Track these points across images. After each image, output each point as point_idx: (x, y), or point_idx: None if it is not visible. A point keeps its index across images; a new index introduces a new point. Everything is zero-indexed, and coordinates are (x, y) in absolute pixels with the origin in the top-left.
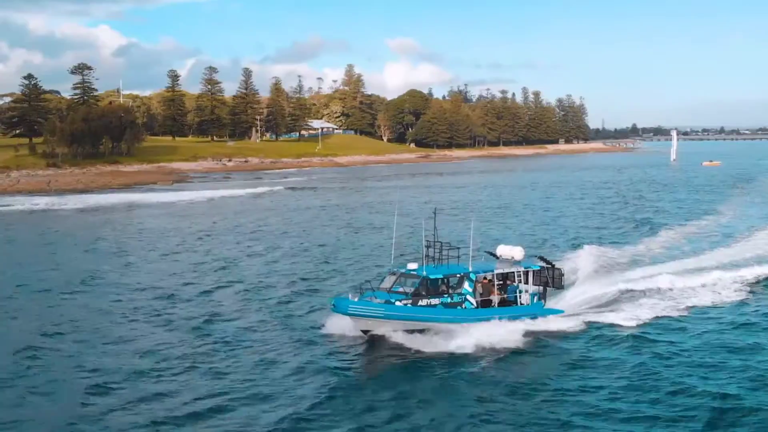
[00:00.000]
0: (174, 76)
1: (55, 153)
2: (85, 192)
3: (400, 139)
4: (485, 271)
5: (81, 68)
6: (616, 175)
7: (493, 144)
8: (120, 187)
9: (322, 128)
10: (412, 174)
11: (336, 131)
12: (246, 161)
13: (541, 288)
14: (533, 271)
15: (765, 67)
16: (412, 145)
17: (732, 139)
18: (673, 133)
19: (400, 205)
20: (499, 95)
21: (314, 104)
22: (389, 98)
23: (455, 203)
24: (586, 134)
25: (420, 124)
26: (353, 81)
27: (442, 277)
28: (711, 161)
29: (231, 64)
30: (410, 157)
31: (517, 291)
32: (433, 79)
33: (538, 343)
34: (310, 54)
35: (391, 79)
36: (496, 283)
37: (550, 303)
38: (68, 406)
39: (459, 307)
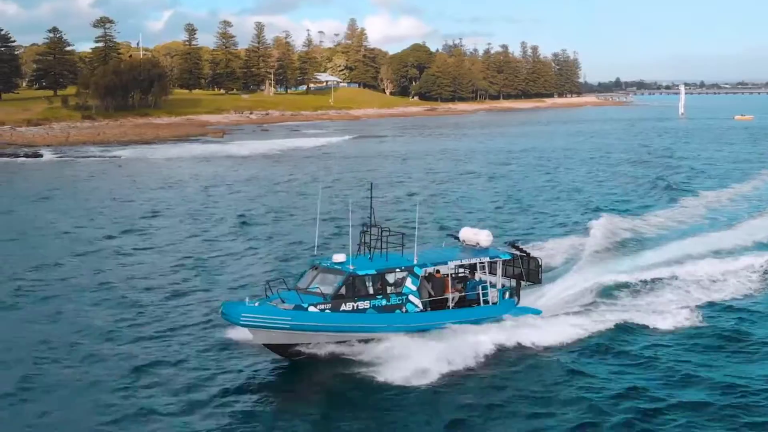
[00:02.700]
0: (191, 30)
1: (88, 105)
2: (141, 143)
3: (402, 92)
4: (436, 263)
5: (103, 22)
6: (645, 128)
7: (494, 97)
8: (174, 139)
9: (327, 82)
10: (439, 126)
11: (341, 84)
12: (267, 114)
13: (515, 282)
14: (502, 261)
15: (742, 20)
16: (416, 98)
17: (714, 93)
18: (681, 87)
19: (488, 152)
20: (499, 49)
21: (315, 57)
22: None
23: (536, 150)
24: (579, 88)
25: (424, 77)
26: (357, 35)
27: (374, 272)
28: (743, 115)
29: (208, 16)
30: (418, 110)
31: (480, 287)
32: (412, 32)
33: (501, 357)
34: (290, 6)
35: (371, 33)
36: (451, 277)
37: (528, 300)
38: None
39: (398, 311)
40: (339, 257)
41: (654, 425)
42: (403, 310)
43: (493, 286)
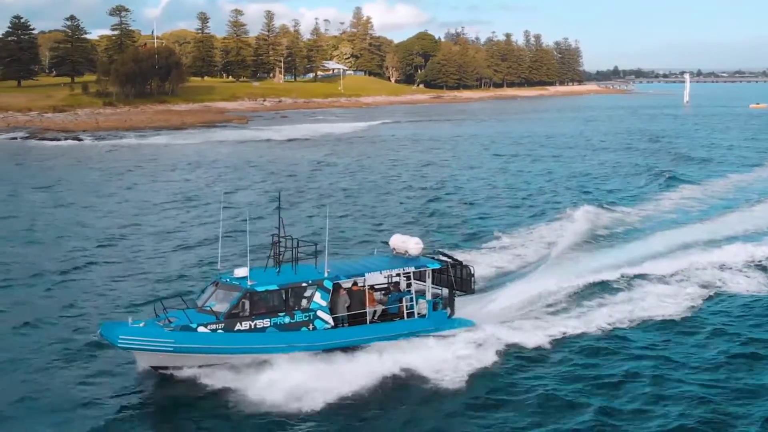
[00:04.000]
0: (204, 19)
1: (109, 92)
2: (171, 129)
3: (407, 80)
4: (351, 275)
5: (119, 10)
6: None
7: (498, 85)
8: (201, 125)
9: (333, 70)
10: (454, 113)
11: (347, 72)
12: (280, 101)
13: (446, 293)
14: (431, 270)
15: (739, 9)
16: (421, 86)
17: (712, 81)
18: (686, 76)
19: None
20: (501, 38)
21: (322, 46)
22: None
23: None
24: (580, 76)
25: (430, 65)
26: (362, 23)
27: (276, 288)
28: (758, 104)
29: (206, 3)
30: (424, 98)
31: (407, 299)
32: (409, 20)
33: (421, 380)
34: None
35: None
36: (368, 289)
37: (463, 311)
38: None
39: (304, 329)
40: (240, 272)
41: None
42: (310, 327)
43: (423, 297)
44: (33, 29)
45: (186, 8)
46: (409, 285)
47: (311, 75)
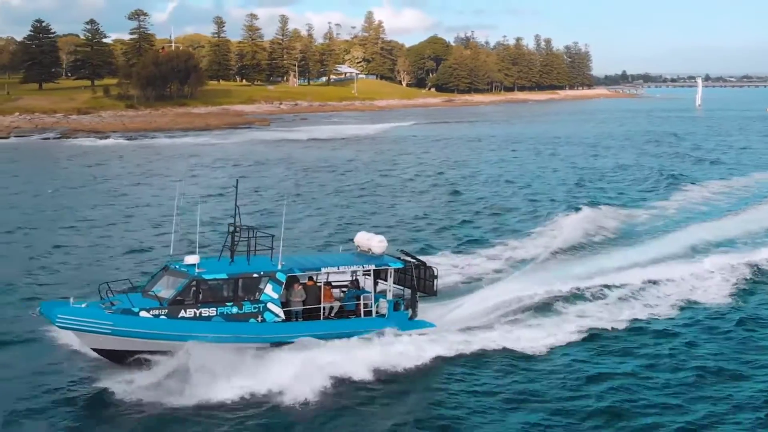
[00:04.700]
0: (219, 23)
1: (130, 95)
2: (198, 130)
3: (418, 84)
4: (306, 269)
5: (137, 14)
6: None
7: (509, 89)
8: (225, 126)
9: (346, 74)
10: (471, 115)
11: (359, 76)
12: (296, 104)
13: (409, 293)
14: (394, 270)
15: (745, 14)
16: (432, 89)
17: (720, 86)
18: (699, 80)
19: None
20: (511, 42)
21: (335, 50)
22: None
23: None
24: (590, 81)
25: (441, 69)
26: (374, 27)
27: (225, 277)
28: None
29: (213, 7)
30: (436, 101)
31: (362, 297)
32: (415, 24)
33: (364, 383)
34: None
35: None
36: (324, 285)
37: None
38: None
39: (252, 320)
40: (191, 259)
41: None
42: (259, 319)
43: (383, 296)
44: (54, 32)
45: (192, 12)
46: (377, 284)
47: (324, 79)
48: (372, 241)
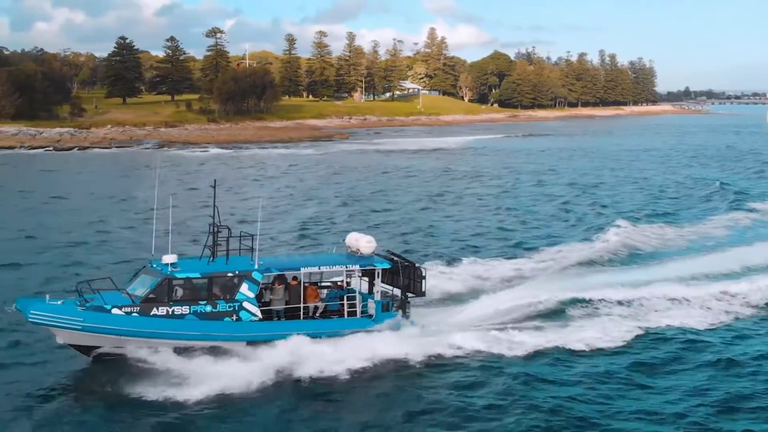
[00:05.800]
0: (291, 40)
1: (211, 110)
2: (284, 142)
3: (481, 99)
4: (284, 269)
5: (214, 32)
6: None
7: (572, 105)
8: (308, 139)
9: (409, 89)
10: (541, 129)
11: (422, 92)
12: (365, 119)
13: (399, 294)
14: (380, 270)
15: None
16: (495, 105)
17: None
18: None
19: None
20: (574, 57)
21: (398, 66)
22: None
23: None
24: (655, 97)
25: (505, 85)
26: (437, 43)
27: (198, 276)
28: None
29: (271, 26)
30: (501, 116)
31: (347, 297)
32: (471, 40)
33: (320, 377)
34: (349, 15)
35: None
36: (308, 285)
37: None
38: None
39: (227, 319)
40: (168, 258)
41: None
42: (234, 318)
43: (371, 296)
44: (137, 49)
45: (250, 29)
46: (372, 285)
47: (388, 94)
48: (360, 242)
